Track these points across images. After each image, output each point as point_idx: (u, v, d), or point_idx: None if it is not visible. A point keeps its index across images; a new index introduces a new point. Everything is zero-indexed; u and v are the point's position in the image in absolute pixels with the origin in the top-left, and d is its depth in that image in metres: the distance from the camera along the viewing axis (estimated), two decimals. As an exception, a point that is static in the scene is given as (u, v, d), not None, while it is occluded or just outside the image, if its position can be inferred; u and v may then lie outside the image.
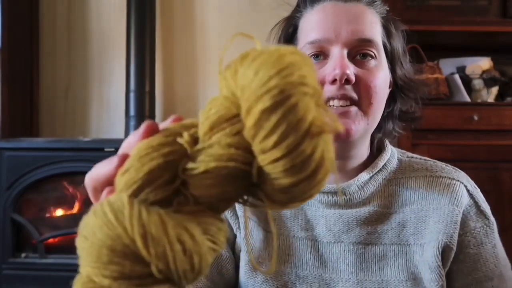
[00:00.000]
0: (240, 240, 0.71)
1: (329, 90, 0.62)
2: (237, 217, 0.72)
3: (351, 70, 0.61)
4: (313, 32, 0.64)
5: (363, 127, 0.64)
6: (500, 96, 2.08)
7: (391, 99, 0.70)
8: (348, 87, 0.61)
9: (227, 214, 0.73)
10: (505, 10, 1.97)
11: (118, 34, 2.26)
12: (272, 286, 0.67)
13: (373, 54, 0.64)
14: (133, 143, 0.33)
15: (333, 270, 0.67)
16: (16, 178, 1.80)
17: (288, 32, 0.70)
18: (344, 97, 0.62)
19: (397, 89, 0.70)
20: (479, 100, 2.02)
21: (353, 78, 0.61)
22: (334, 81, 0.61)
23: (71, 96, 2.34)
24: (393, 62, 0.68)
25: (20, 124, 2.18)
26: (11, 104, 2.09)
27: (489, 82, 2.03)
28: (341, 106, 0.62)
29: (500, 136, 1.87)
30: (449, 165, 0.71)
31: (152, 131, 0.33)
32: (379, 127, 0.70)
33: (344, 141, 0.64)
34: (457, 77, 2.01)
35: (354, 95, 0.62)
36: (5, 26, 2.06)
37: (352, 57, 0.63)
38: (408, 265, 0.64)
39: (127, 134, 2.11)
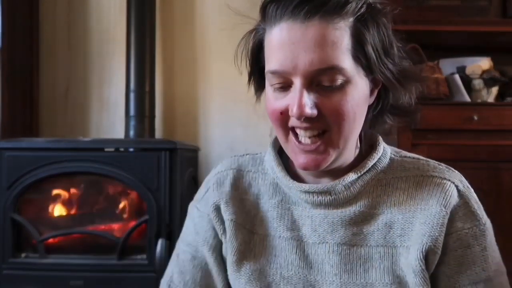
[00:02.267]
0: (225, 243, 0.72)
1: (294, 121, 0.61)
2: (222, 222, 0.72)
3: (310, 106, 0.58)
4: (273, 61, 0.61)
5: (334, 155, 0.63)
6: (500, 96, 2.08)
7: (380, 95, 0.67)
8: (312, 119, 0.59)
9: (213, 220, 0.73)
10: (505, 10, 1.97)
11: (118, 34, 2.26)
12: (256, 286, 0.68)
13: (337, 81, 0.59)
14: None
15: (318, 271, 0.66)
16: (16, 178, 1.79)
17: (255, 46, 0.67)
18: (310, 128, 0.60)
19: (385, 84, 0.66)
20: (479, 100, 2.02)
21: (314, 113, 0.59)
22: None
23: (71, 96, 2.34)
24: (370, 68, 0.62)
25: (20, 124, 2.18)
26: (11, 104, 2.09)
27: (489, 82, 2.03)
28: (308, 137, 0.61)
29: (500, 136, 1.87)
30: (443, 164, 0.69)
31: None
32: (368, 125, 0.69)
33: (314, 171, 0.64)
34: (457, 77, 2.00)
35: (320, 125, 0.60)
36: (5, 26, 2.06)
37: (316, 84, 0.60)
38: (394, 268, 0.63)
39: (127, 134, 2.11)
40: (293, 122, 0.61)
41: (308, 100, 0.59)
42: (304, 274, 0.67)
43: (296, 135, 0.63)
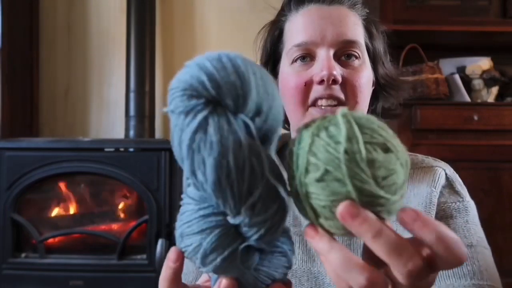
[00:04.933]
0: None
1: (317, 90, 0.65)
2: None
3: (337, 71, 0.64)
4: (300, 35, 0.67)
5: None
6: (500, 96, 2.08)
7: (374, 97, 0.73)
8: (335, 87, 0.64)
9: None
10: (505, 10, 1.97)
11: (118, 34, 2.26)
12: None
13: (357, 54, 0.66)
14: None
15: (321, 263, 0.68)
16: (16, 178, 1.80)
17: (274, 35, 0.72)
18: (331, 96, 0.64)
19: (380, 87, 0.73)
20: (479, 100, 2.02)
21: (339, 79, 0.64)
22: (321, 82, 0.64)
23: (71, 96, 2.34)
24: (375, 61, 0.71)
25: (20, 124, 2.18)
26: (11, 104, 2.09)
27: (489, 82, 2.03)
28: (328, 105, 0.65)
29: (500, 136, 1.87)
30: (429, 156, 0.74)
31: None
32: None
33: None
34: (457, 77, 2.01)
35: (341, 95, 0.65)
36: (5, 26, 2.07)
37: (337, 58, 0.66)
38: None
39: (127, 134, 2.11)
40: (315, 92, 0.65)
41: (336, 65, 0.65)
42: (308, 267, 0.68)
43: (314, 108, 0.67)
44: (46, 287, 1.77)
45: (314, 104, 0.65)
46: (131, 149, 1.84)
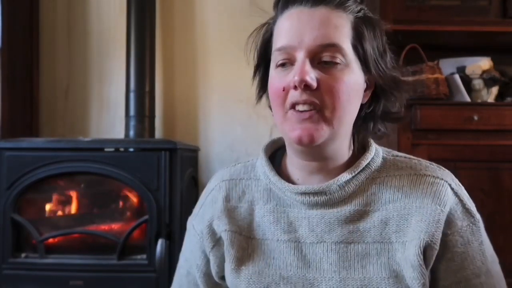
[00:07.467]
0: (220, 254, 0.75)
1: (294, 95, 0.64)
2: (214, 238, 0.75)
3: (311, 76, 0.62)
4: (280, 39, 0.67)
5: (327, 132, 0.64)
6: (500, 96, 2.08)
7: (373, 99, 0.71)
8: (310, 92, 0.63)
9: (204, 238, 0.76)
10: (505, 10, 1.97)
11: (118, 34, 2.26)
12: (255, 287, 0.70)
13: (337, 59, 0.64)
14: None
15: (316, 269, 0.68)
16: (16, 178, 1.79)
17: (265, 38, 0.72)
18: (307, 102, 0.63)
19: (380, 89, 0.71)
20: (479, 100, 2.02)
21: (313, 84, 0.62)
22: (296, 87, 0.63)
23: (71, 96, 2.34)
24: (367, 63, 0.68)
25: (20, 124, 2.18)
26: (11, 104, 2.10)
27: (489, 82, 2.03)
28: (305, 110, 0.64)
29: (500, 136, 1.87)
30: (433, 163, 0.72)
31: None
32: (359, 128, 0.71)
33: (309, 145, 0.65)
34: (457, 77, 2.00)
35: (316, 100, 0.63)
36: (5, 26, 2.07)
37: (317, 62, 0.64)
38: (390, 262, 0.65)
39: (127, 134, 2.11)
40: (292, 98, 0.64)
41: (310, 70, 0.63)
42: (303, 273, 0.68)
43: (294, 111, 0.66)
44: (46, 287, 1.77)
45: (293, 107, 0.65)
46: (131, 149, 1.84)
